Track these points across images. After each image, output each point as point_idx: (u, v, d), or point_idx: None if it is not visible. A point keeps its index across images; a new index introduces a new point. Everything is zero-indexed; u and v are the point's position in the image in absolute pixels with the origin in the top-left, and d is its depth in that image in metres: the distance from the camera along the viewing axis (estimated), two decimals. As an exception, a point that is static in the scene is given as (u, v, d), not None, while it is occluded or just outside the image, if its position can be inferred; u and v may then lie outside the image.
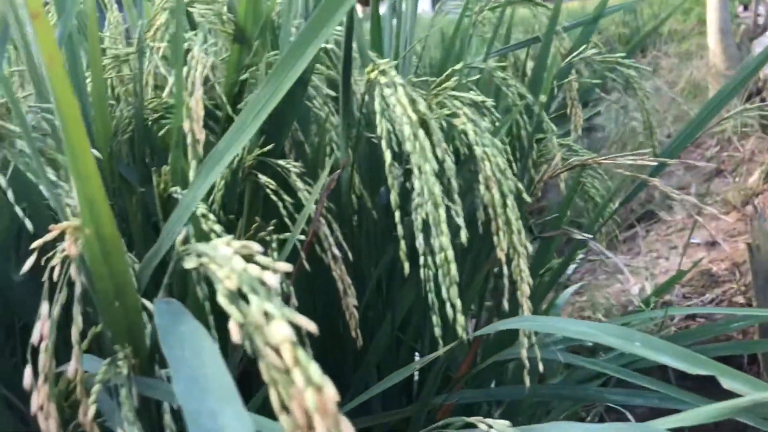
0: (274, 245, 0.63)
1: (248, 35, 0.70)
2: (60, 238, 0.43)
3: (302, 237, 0.62)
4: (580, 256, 1.46)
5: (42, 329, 0.40)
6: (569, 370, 0.89)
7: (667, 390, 0.63)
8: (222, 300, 0.31)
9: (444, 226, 0.52)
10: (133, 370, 0.45)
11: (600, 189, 0.89)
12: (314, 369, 0.27)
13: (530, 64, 0.97)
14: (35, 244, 0.42)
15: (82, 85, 0.71)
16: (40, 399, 0.38)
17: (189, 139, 0.59)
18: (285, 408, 0.29)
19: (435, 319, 0.65)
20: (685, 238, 1.82)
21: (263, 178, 0.67)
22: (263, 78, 0.67)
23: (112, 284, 0.42)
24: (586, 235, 0.74)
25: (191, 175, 0.60)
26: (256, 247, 0.33)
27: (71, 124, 0.36)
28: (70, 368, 0.43)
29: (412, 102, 0.52)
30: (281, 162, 0.68)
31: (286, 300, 0.61)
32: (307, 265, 0.64)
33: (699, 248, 1.76)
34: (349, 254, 0.67)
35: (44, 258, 0.43)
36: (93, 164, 0.38)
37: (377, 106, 0.55)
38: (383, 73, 0.55)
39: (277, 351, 0.29)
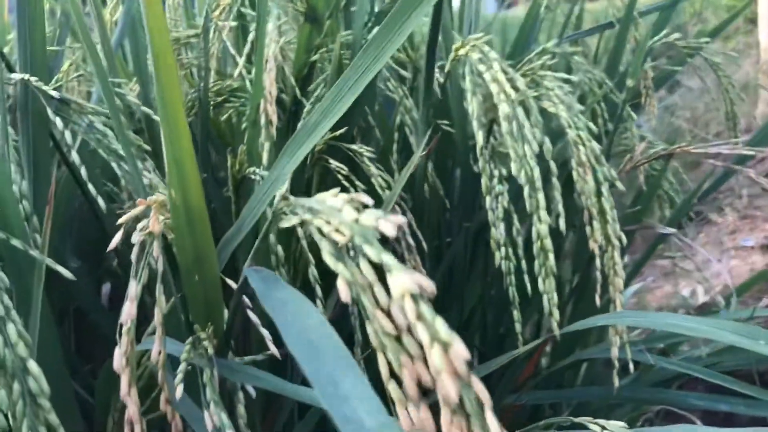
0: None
1: (320, 14, 0.67)
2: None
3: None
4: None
5: (130, 309, 0.37)
6: (638, 370, 0.85)
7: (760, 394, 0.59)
8: (328, 258, 0.28)
9: (543, 213, 0.48)
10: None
11: (674, 181, 0.85)
12: (440, 324, 0.24)
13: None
14: (123, 219, 0.39)
15: (143, 69, 0.69)
16: (125, 383, 0.35)
17: (263, 120, 0.57)
18: (394, 377, 0.26)
19: (516, 314, 0.61)
20: (737, 241, 1.76)
21: (334, 163, 0.64)
22: (359, 50, 0.64)
23: (194, 257, 0.39)
24: (670, 229, 0.70)
25: (264, 156, 0.57)
26: (365, 198, 0.30)
27: (168, 83, 0.34)
28: (153, 351, 0.40)
29: (510, 79, 0.49)
30: (353, 146, 0.65)
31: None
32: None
33: (752, 251, 1.70)
34: (424, 244, 0.63)
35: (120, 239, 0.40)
36: (186, 128, 0.36)
37: (468, 84, 0.52)
38: (475, 48, 0.51)
39: (387, 313, 0.26)
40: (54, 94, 0.49)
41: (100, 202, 0.50)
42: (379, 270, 0.27)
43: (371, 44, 0.41)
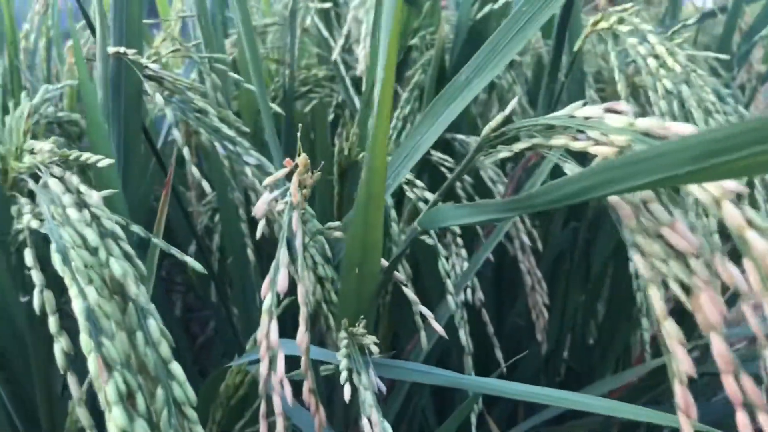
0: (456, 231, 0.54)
1: (420, -5, 0.62)
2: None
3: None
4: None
5: (283, 279, 0.31)
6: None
7: None
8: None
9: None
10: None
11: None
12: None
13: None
14: (268, 181, 0.34)
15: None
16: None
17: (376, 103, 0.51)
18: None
19: (645, 322, 0.55)
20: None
21: (436, 155, 0.58)
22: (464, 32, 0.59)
23: (362, 248, 0.34)
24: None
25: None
26: (623, 106, 0.25)
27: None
28: (299, 337, 0.34)
29: (672, 53, 0.43)
30: (459, 136, 0.59)
31: (472, 292, 0.53)
32: (490, 256, 0.55)
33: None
34: (539, 243, 0.58)
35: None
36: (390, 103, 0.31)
37: (613, 61, 0.46)
38: (622, 21, 0.46)
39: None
40: (154, 67, 0.44)
41: (205, 184, 0.45)
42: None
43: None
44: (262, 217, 0.40)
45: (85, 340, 0.26)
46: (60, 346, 0.29)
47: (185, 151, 0.44)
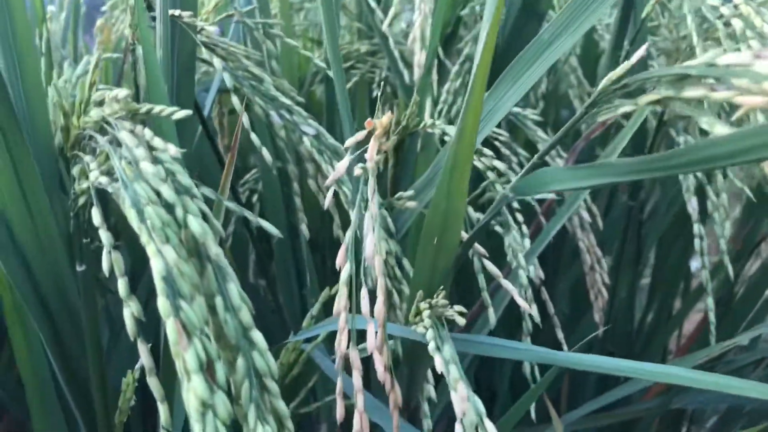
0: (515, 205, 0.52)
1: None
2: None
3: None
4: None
5: (370, 247, 0.29)
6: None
7: None
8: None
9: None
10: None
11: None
12: None
13: None
14: (349, 142, 0.32)
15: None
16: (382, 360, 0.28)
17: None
18: None
19: (710, 301, 0.53)
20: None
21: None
22: None
23: (443, 217, 0.32)
24: None
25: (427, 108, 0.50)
26: None
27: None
28: (377, 306, 0.32)
29: (758, 12, 0.40)
30: (516, 109, 0.57)
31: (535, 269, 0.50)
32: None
33: None
34: (599, 220, 0.55)
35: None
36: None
37: (691, 23, 0.44)
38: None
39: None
40: (212, 30, 0.42)
41: (265, 153, 0.43)
42: None
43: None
44: (332, 184, 0.38)
45: (163, 303, 0.24)
46: (129, 310, 0.27)
47: (245, 118, 0.42)
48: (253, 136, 0.42)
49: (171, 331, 0.24)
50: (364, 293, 0.32)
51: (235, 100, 0.42)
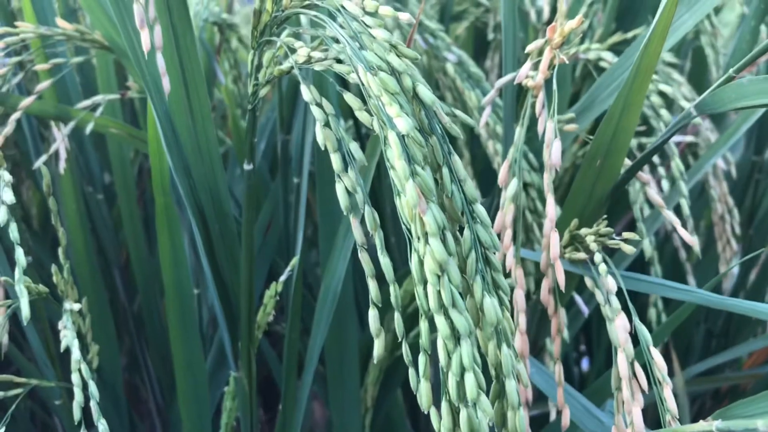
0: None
1: None
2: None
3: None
4: None
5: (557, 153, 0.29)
6: None
7: None
8: None
9: None
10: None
11: None
12: None
13: None
14: (530, 48, 0.32)
15: None
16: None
17: None
18: None
19: None
20: None
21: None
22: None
23: (614, 130, 0.32)
24: None
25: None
26: None
27: None
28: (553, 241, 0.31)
29: None
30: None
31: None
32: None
33: None
34: (732, 169, 0.54)
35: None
36: None
37: None
38: None
39: None
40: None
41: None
42: None
43: None
44: (489, 103, 0.37)
45: (401, 167, 0.24)
46: (342, 186, 0.27)
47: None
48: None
49: (410, 193, 0.23)
50: (549, 208, 0.32)
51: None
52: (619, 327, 0.31)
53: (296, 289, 0.43)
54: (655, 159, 0.48)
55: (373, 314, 0.26)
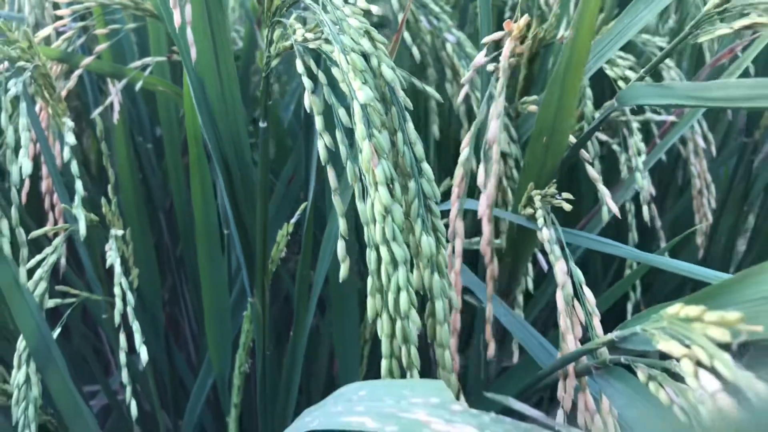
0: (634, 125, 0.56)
1: None
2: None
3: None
4: None
5: (493, 132, 0.35)
6: None
7: None
8: None
9: None
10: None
11: None
12: None
13: None
14: (478, 60, 0.37)
15: None
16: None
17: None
18: None
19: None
20: None
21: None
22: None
23: (553, 120, 0.38)
24: None
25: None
26: None
27: None
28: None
29: None
30: (645, 36, 0.60)
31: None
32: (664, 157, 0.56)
33: None
34: (713, 148, 0.58)
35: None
36: None
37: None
38: None
39: None
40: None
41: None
42: None
43: None
44: (468, 80, 0.43)
45: (360, 130, 0.30)
46: (323, 142, 0.34)
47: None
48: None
49: (366, 150, 0.30)
50: (481, 170, 0.38)
51: None
52: (558, 270, 0.37)
53: (307, 229, 0.51)
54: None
55: (341, 245, 0.33)
